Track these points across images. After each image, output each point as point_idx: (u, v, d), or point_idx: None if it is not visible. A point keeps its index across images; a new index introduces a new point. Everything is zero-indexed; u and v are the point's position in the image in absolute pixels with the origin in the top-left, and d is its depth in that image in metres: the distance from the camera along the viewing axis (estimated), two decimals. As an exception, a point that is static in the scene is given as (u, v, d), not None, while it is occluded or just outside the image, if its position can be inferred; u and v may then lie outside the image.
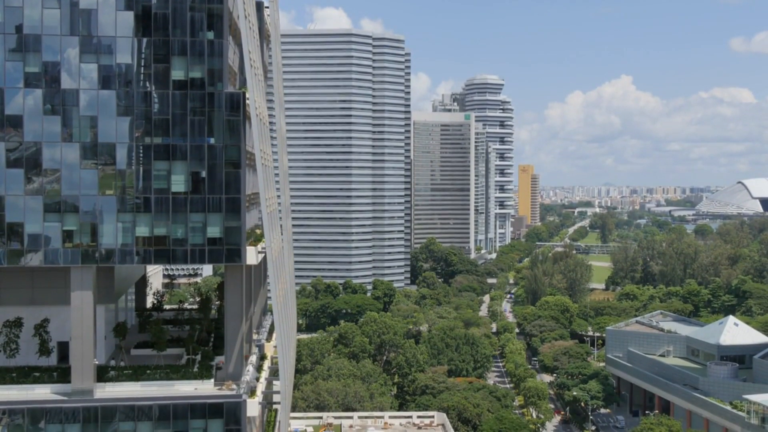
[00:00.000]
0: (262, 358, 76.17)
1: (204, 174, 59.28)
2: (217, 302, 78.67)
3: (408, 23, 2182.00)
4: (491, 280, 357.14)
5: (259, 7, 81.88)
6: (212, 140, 59.45)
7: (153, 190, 58.92)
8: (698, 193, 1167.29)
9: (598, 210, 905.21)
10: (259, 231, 71.00)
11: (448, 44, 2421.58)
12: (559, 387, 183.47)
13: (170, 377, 60.58)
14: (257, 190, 64.72)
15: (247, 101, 60.79)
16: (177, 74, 59.01)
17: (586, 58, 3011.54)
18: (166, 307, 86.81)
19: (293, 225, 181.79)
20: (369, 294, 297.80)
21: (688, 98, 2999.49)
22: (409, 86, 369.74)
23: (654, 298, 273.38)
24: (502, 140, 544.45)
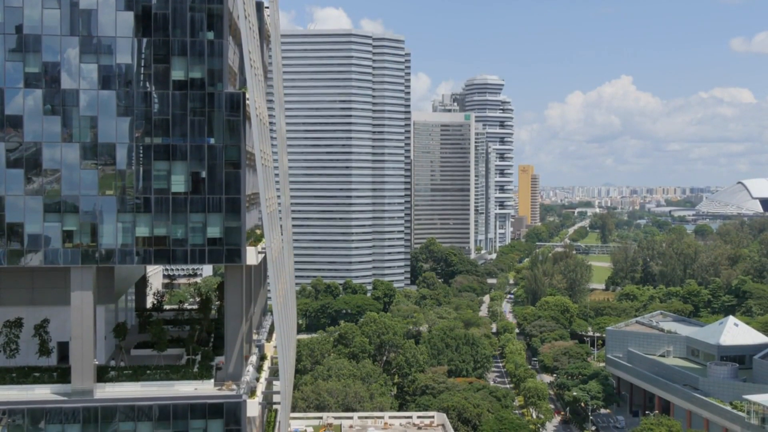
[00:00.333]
0: (262, 358, 76.13)
1: (204, 174, 59.27)
2: (217, 302, 78.65)
3: (408, 23, 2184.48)
4: (491, 281, 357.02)
5: (259, 7, 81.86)
6: (212, 140, 59.45)
7: (153, 191, 58.91)
8: (698, 194, 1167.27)
9: (598, 210, 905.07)
10: (259, 231, 70.97)
11: (448, 44, 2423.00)
12: (559, 387, 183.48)
13: (170, 377, 60.57)
14: (257, 190, 64.71)
15: (247, 101, 60.77)
16: (177, 74, 59.00)
17: (586, 58, 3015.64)
18: (166, 307, 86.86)
19: (293, 225, 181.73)
20: (369, 294, 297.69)
21: (688, 98, 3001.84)
22: (409, 86, 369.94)
23: (654, 298, 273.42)
24: (502, 140, 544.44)
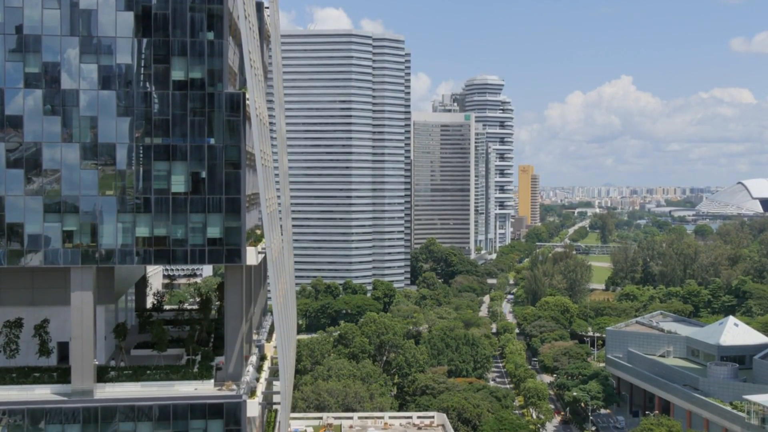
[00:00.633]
0: (262, 358, 76.13)
1: (204, 174, 59.28)
2: (217, 302, 78.64)
3: (408, 23, 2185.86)
4: (491, 281, 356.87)
5: (259, 7, 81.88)
6: (212, 140, 59.46)
7: (153, 191, 58.92)
8: (698, 194, 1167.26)
9: (598, 210, 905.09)
10: (259, 231, 70.97)
11: (448, 44, 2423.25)
12: (559, 387, 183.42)
13: (170, 378, 60.58)
14: (257, 191, 64.71)
15: (247, 101, 60.78)
16: (177, 74, 59.01)
17: (586, 58, 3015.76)
18: (166, 307, 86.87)
19: (293, 225, 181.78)
20: (369, 294, 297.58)
21: (688, 98, 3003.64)
22: (409, 86, 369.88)
23: (654, 298, 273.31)
24: (502, 140, 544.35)
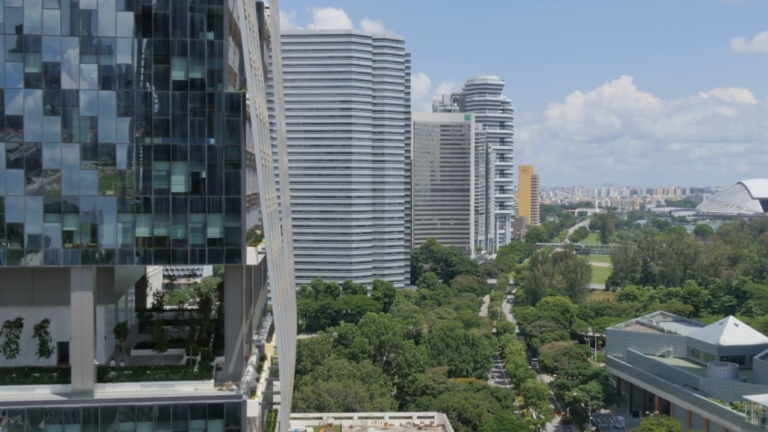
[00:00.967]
0: (262, 358, 76.12)
1: (204, 174, 59.28)
2: (217, 302, 78.65)
3: (408, 23, 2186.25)
4: (491, 281, 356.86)
5: (259, 7, 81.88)
6: (212, 141, 59.46)
7: (153, 191, 58.92)
8: (698, 194, 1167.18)
9: (598, 210, 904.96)
10: (259, 231, 70.98)
11: (448, 44, 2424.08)
12: (559, 387, 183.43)
13: (170, 378, 60.59)
14: (257, 191, 64.72)
15: (247, 101, 60.77)
16: (177, 75, 59.01)
17: (586, 58, 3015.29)
18: (166, 307, 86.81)
19: (293, 225, 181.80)
20: (369, 294, 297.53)
21: (688, 98, 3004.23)
22: (409, 86, 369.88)
23: (654, 298, 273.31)
24: (502, 141, 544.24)
